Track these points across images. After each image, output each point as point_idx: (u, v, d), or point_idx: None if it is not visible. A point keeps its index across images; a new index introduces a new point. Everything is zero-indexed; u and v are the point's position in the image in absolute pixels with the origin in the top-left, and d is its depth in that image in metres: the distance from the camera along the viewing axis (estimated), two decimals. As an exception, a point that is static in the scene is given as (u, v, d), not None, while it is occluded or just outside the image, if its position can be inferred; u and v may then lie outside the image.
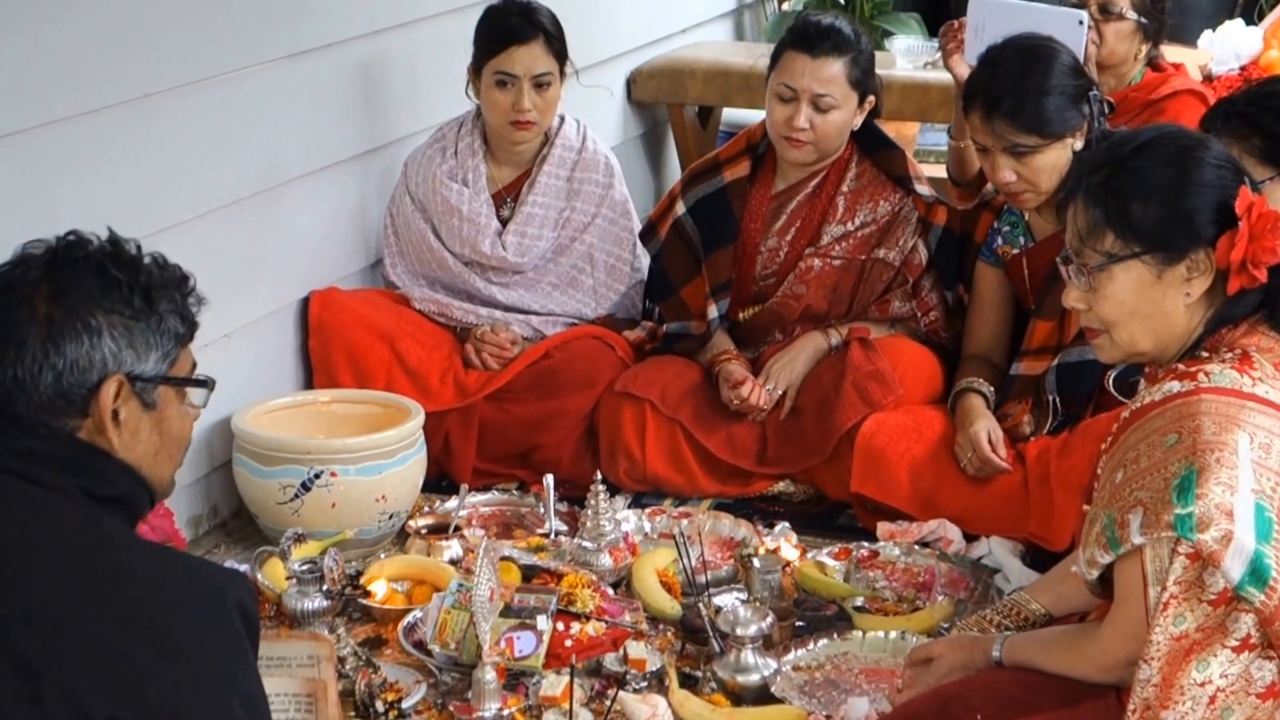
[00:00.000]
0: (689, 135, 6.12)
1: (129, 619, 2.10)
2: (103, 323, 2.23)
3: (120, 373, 2.24)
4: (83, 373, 2.22)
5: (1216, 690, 2.57)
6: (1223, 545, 2.51)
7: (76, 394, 2.23)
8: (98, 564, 2.15)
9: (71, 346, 2.22)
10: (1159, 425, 2.65)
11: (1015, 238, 4.26)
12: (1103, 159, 2.74)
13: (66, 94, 3.66)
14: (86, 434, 2.25)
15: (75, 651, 2.06)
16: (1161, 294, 2.69)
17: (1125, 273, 2.69)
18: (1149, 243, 2.67)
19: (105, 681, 2.06)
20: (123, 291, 2.26)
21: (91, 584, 2.12)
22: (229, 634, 2.17)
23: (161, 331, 2.28)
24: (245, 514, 4.24)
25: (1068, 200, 2.76)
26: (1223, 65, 5.83)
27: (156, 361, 2.28)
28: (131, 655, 2.07)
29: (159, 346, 2.28)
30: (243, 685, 2.18)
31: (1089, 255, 2.71)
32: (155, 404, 2.29)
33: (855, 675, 3.49)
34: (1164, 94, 4.56)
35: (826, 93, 4.31)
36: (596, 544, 3.83)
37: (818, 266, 4.46)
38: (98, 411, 2.23)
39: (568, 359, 4.48)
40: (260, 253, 4.34)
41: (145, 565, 2.18)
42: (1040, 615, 3.12)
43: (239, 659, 2.18)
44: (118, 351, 2.24)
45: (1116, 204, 2.68)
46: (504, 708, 3.31)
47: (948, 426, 4.18)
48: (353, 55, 4.60)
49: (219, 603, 2.17)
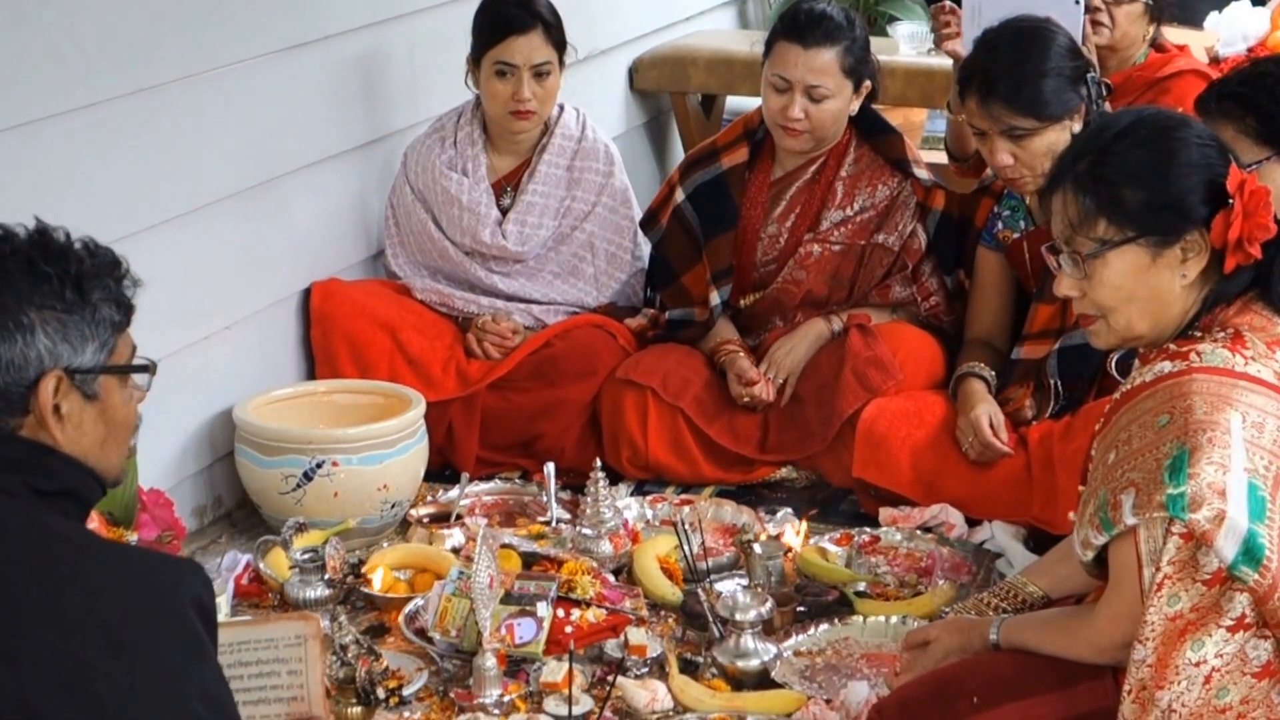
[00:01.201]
0: (692, 124, 6.11)
1: (80, 621, 2.06)
2: (35, 319, 2.19)
3: (58, 368, 2.21)
4: (19, 371, 2.19)
5: (1212, 670, 2.57)
6: (1215, 525, 2.50)
7: (15, 393, 2.19)
8: (46, 567, 2.11)
9: (5, 347, 2.18)
10: (1151, 406, 2.64)
11: (1015, 222, 4.25)
12: (1085, 146, 2.73)
13: (67, 88, 3.67)
14: (29, 430, 2.22)
15: (26, 657, 2.03)
16: (1157, 276, 2.68)
17: (1120, 258, 2.68)
18: (1142, 226, 2.66)
19: (59, 686, 2.03)
20: (53, 285, 2.21)
21: (40, 587, 2.08)
22: (184, 631, 2.13)
23: (96, 322, 2.24)
24: (249, 504, 4.25)
25: (1052, 190, 2.75)
26: (1230, 47, 5.80)
27: (94, 352, 2.24)
28: (84, 658, 2.04)
29: (95, 337, 2.24)
30: (201, 682, 2.13)
31: (1081, 243, 2.70)
32: (97, 394, 2.26)
33: (856, 660, 3.49)
34: (1168, 73, 4.57)
35: (819, 83, 4.30)
36: (596, 531, 3.83)
37: (817, 252, 4.46)
38: (38, 408, 2.20)
39: (569, 348, 4.48)
40: (261, 244, 4.35)
41: (96, 565, 2.14)
42: (1038, 597, 3.12)
43: (196, 655, 2.14)
44: (53, 347, 2.20)
45: (1106, 190, 2.67)
46: (505, 694, 3.33)
47: (949, 411, 4.17)
48: (352, 47, 4.60)
49: (173, 599, 2.13)
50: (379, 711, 3.32)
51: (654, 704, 3.30)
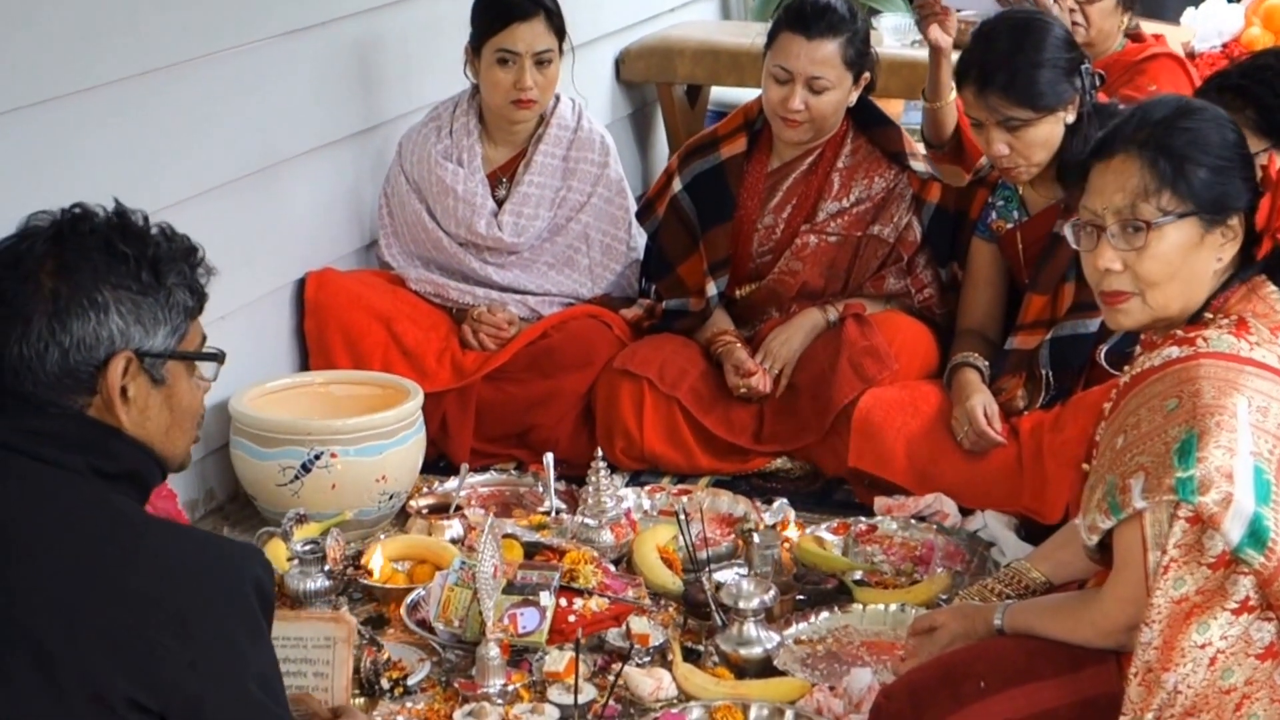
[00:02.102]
0: (678, 114, 6.14)
1: (144, 599, 2.10)
2: (109, 299, 2.20)
3: (128, 349, 2.21)
4: (90, 350, 2.19)
5: (1217, 652, 2.59)
6: (1223, 507, 2.53)
7: (84, 371, 2.20)
8: (112, 544, 2.14)
9: (78, 324, 2.18)
10: (1159, 390, 2.67)
11: (1009, 212, 4.27)
12: (1146, 118, 2.74)
13: (58, 73, 3.66)
14: (96, 411, 2.22)
15: (91, 633, 2.07)
16: (1198, 256, 2.72)
17: (1177, 231, 2.70)
18: (1202, 203, 2.70)
19: (121, 662, 2.07)
20: (130, 266, 2.22)
21: (106, 565, 2.11)
22: (245, 613, 2.16)
23: (170, 306, 2.25)
24: (242, 496, 4.25)
25: (1101, 158, 2.75)
26: (1205, 42, 5.88)
27: (165, 337, 2.24)
28: (147, 635, 2.08)
29: (167, 321, 2.24)
30: (258, 665, 2.18)
31: (1146, 210, 2.71)
32: (164, 379, 2.26)
33: (856, 647, 3.52)
34: (1144, 56, 4.70)
35: (821, 75, 4.32)
36: (598, 521, 3.84)
37: (814, 243, 4.48)
38: (105, 389, 2.21)
39: (565, 339, 4.49)
40: (255, 234, 4.34)
41: (160, 545, 2.17)
42: (1040, 583, 3.15)
43: (255, 638, 2.18)
44: (125, 328, 2.21)
45: (1174, 163, 2.70)
46: (508, 684, 3.34)
47: (943, 401, 4.20)
48: (346, 34, 4.60)
49: (236, 581, 2.17)
50: (383, 702, 3.33)
51: (659, 692, 3.31)
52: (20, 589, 2.09)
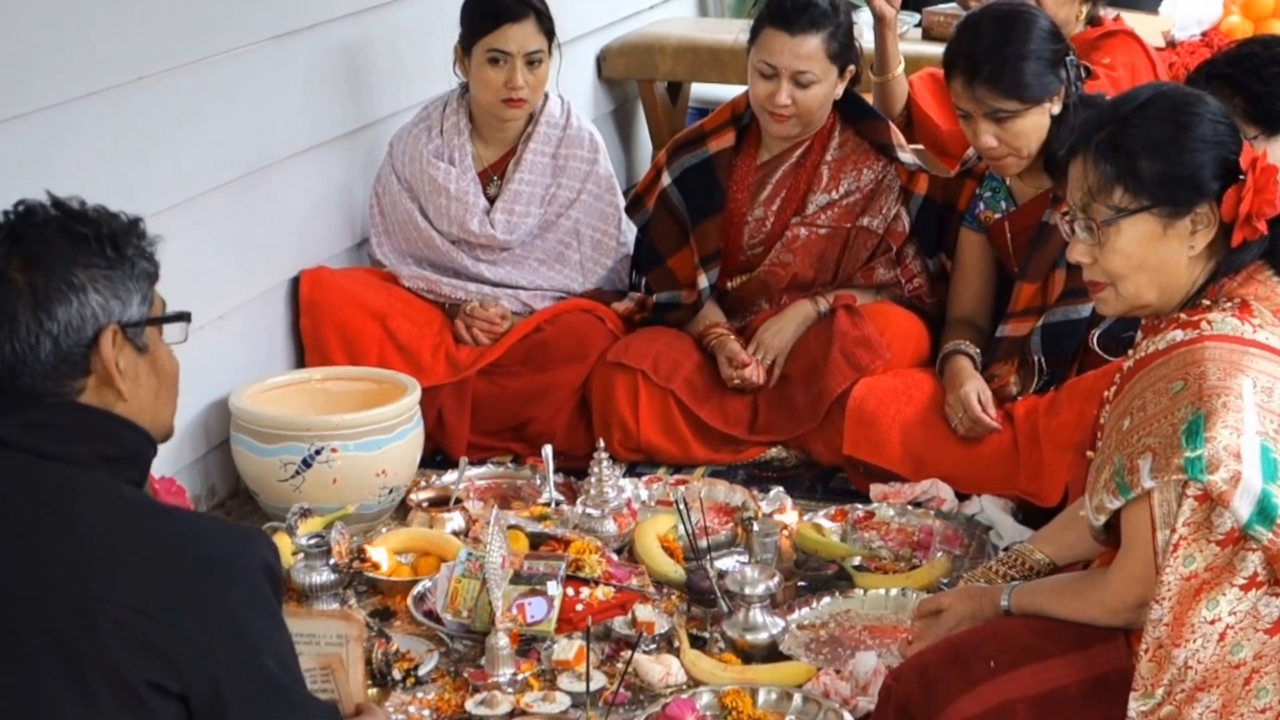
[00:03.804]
0: (659, 111, 6.18)
1: (159, 582, 2.14)
2: (84, 279, 2.25)
3: (113, 322, 2.27)
4: (77, 331, 2.24)
5: (1226, 627, 2.64)
6: (1232, 485, 2.58)
7: (77, 353, 2.25)
8: (125, 530, 2.19)
9: (62, 309, 2.23)
10: (1164, 373, 2.72)
11: (997, 203, 4.33)
12: (1106, 117, 2.80)
13: (50, 79, 3.68)
14: (91, 394, 2.27)
15: (107, 616, 2.10)
16: (1167, 247, 2.76)
17: (1133, 226, 2.76)
18: (1156, 197, 2.74)
19: (139, 645, 2.11)
20: (91, 245, 2.27)
21: (120, 549, 2.16)
22: (257, 592, 2.21)
23: (136, 275, 2.31)
24: (243, 493, 4.28)
25: (1071, 157, 2.83)
26: (1185, 31, 5.95)
27: (139, 305, 2.31)
28: (164, 620, 2.12)
29: (137, 290, 2.31)
30: (272, 642, 2.23)
31: (1098, 210, 2.77)
32: (147, 346, 2.33)
33: (859, 632, 3.56)
34: (1099, 34, 4.79)
35: (806, 69, 4.36)
36: (601, 510, 3.88)
37: (804, 235, 4.53)
38: (101, 366, 2.26)
39: (558, 332, 4.53)
40: (249, 234, 4.37)
41: (172, 529, 2.22)
42: (1044, 565, 3.18)
43: (268, 616, 2.23)
44: (104, 303, 2.26)
45: (1125, 160, 2.74)
46: (518, 672, 3.37)
47: (937, 389, 4.25)
48: (335, 36, 4.63)
49: (247, 563, 2.22)
50: (395, 693, 3.36)
51: (668, 678, 3.35)
52: (38, 577, 2.14)
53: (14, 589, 2.14)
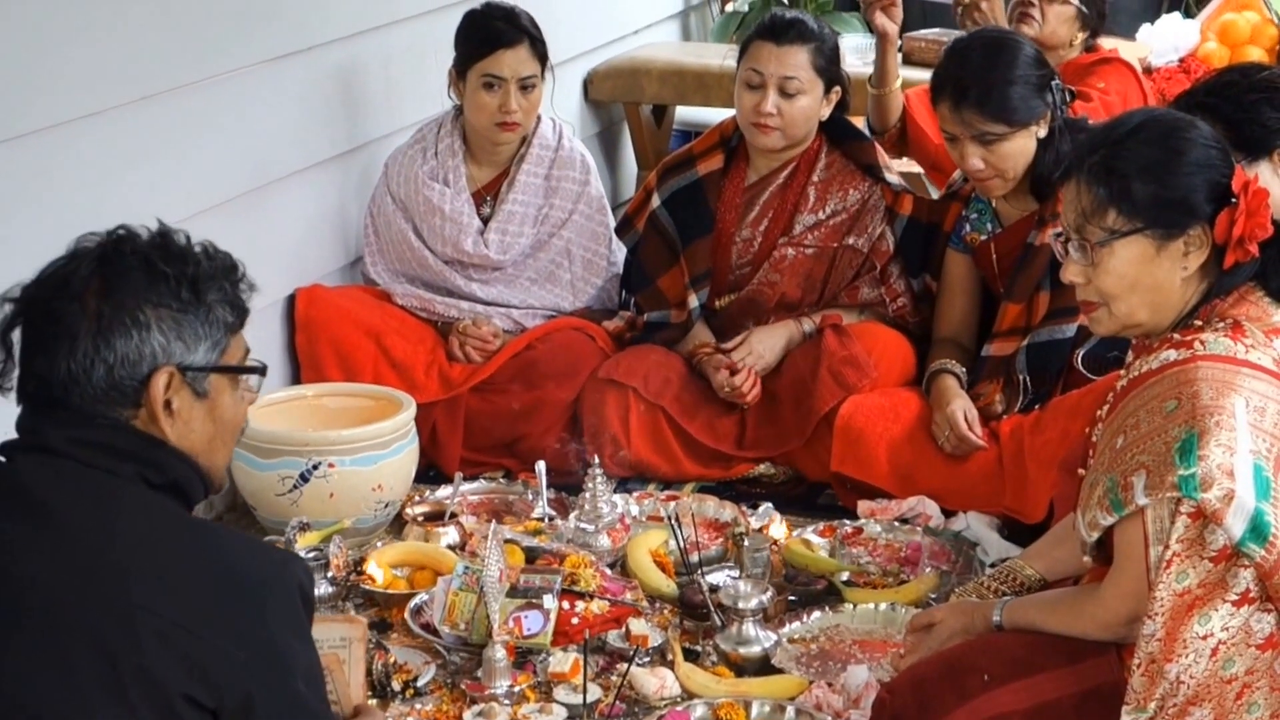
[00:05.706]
0: (644, 133, 6.23)
1: (198, 598, 2.18)
2: (150, 317, 2.28)
3: (170, 365, 2.29)
4: (133, 366, 2.27)
5: (1218, 643, 2.69)
6: (1225, 504, 2.64)
7: (128, 386, 2.27)
8: (166, 545, 2.22)
9: (121, 341, 2.26)
10: (1158, 392, 2.77)
11: (982, 225, 4.39)
12: (1099, 140, 2.87)
13: (52, 101, 3.72)
14: (141, 423, 2.30)
15: (147, 629, 2.14)
16: (1160, 268, 2.82)
17: (1127, 248, 2.82)
18: (1149, 219, 2.80)
19: (177, 657, 2.14)
20: (170, 285, 2.30)
21: (161, 564, 2.19)
22: (292, 613, 2.25)
23: (210, 322, 2.33)
24: (240, 507, 4.31)
25: (1065, 180, 2.89)
26: (1161, 57, 6.00)
27: (206, 351, 2.32)
28: (203, 635, 2.16)
29: (208, 336, 2.32)
30: (304, 663, 2.27)
31: (1092, 231, 2.83)
32: (207, 392, 2.34)
33: (848, 646, 3.61)
34: (1094, 60, 4.90)
35: (793, 76, 4.44)
36: (595, 525, 3.93)
37: (791, 255, 4.59)
38: (149, 402, 2.28)
39: (550, 350, 4.57)
40: (246, 253, 4.27)
41: (212, 546, 2.26)
42: (1035, 580, 3.22)
43: (301, 638, 2.27)
44: (166, 344, 2.28)
45: (1118, 183, 2.81)
46: (514, 684, 3.41)
47: (923, 407, 4.31)
48: (330, 58, 4.68)
49: (283, 583, 2.26)
50: (394, 704, 3.40)
51: (662, 691, 3.40)
52: (82, 581, 2.17)
53: (56, 590, 2.17)
